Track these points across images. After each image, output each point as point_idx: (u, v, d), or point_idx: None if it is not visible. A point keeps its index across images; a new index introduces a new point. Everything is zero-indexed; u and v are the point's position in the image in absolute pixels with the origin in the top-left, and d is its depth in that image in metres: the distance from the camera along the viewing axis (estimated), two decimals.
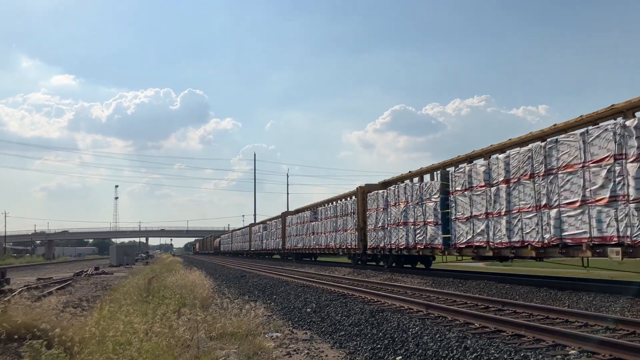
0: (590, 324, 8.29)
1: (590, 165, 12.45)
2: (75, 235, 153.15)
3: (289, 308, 11.93)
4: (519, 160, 14.96)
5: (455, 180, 18.21)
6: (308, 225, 37.43)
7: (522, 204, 14.74)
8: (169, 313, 7.92)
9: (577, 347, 6.51)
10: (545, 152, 13.92)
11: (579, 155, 12.79)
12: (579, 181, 12.77)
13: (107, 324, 6.80)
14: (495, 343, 6.88)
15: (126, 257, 48.84)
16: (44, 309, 8.88)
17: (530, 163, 14.48)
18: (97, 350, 5.69)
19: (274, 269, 30.09)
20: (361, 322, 9.18)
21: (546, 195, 13.78)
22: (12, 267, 43.78)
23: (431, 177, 21.48)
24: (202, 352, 6.16)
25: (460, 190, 17.85)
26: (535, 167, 14.28)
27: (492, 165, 16.33)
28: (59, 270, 40.61)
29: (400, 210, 22.25)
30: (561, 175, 13.30)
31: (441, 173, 19.81)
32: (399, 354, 6.72)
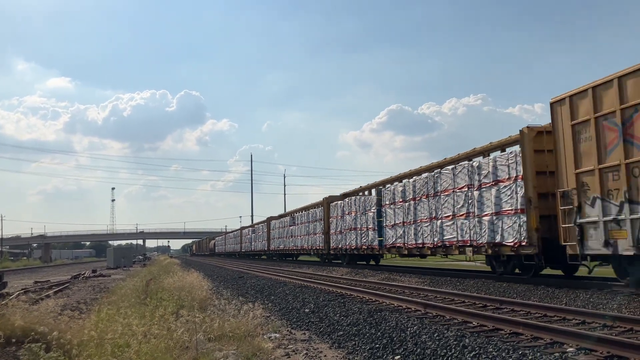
0: (587, 321, 8.32)
1: (456, 190, 17.86)
2: (72, 238, 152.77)
3: (287, 309, 11.93)
4: (421, 184, 20.40)
5: (385, 196, 23.76)
6: (288, 229, 42.75)
7: (422, 216, 20.16)
8: (167, 315, 7.91)
9: (574, 345, 6.54)
10: (434, 180, 19.39)
11: (451, 183, 18.19)
12: (451, 201, 18.13)
13: (106, 327, 6.79)
14: (494, 341, 6.89)
15: (123, 260, 48.79)
16: (41, 312, 8.85)
17: (426, 187, 19.91)
18: (96, 352, 5.69)
19: (271, 269, 30.08)
20: (359, 321, 9.19)
21: (435, 210, 19.22)
22: (9, 270, 43.65)
23: (369, 193, 27.03)
24: (201, 354, 6.16)
25: (388, 204, 23.32)
26: (429, 190, 19.70)
27: (406, 187, 21.73)
28: (56, 273, 40.51)
29: (352, 218, 27.93)
30: (442, 196, 18.70)
31: (376, 190, 25.35)
32: (398, 354, 6.73)
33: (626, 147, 11.22)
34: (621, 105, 11.32)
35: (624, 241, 11.22)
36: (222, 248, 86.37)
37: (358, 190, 29.20)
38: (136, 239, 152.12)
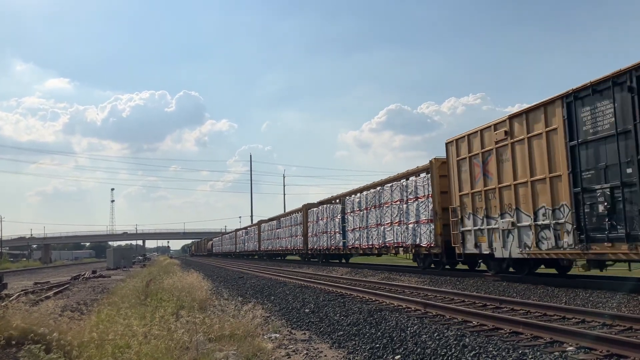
0: (587, 320, 8.33)
1: (393, 203, 22.53)
2: (72, 239, 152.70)
3: (287, 309, 11.94)
4: (371, 197, 25.22)
5: (347, 206, 28.68)
6: (275, 231, 47.25)
7: (372, 223, 24.90)
8: (167, 315, 7.91)
9: (574, 344, 6.55)
10: (379, 194, 24.20)
11: (389, 197, 22.89)
12: (390, 212, 22.87)
13: (106, 328, 6.79)
14: (494, 341, 6.91)
15: (123, 260, 48.81)
16: (41, 314, 8.84)
17: (374, 199, 24.64)
18: (96, 354, 5.69)
19: (270, 269, 30.09)
20: (360, 321, 9.20)
21: (379, 218, 23.99)
22: (8, 271, 43.63)
23: (337, 202, 31.54)
24: (201, 354, 6.16)
25: (349, 212, 28.25)
26: (375, 202, 24.46)
27: (361, 199, 26.60)
28: (56, 274, 40.50)
29: (324, 223, 32.68)
30: (384, 208, 23.45)
31: (341, 200, 30.45)
32: (398, 353, 6.74)
33: (485, 179, 16.09)
34: (482, 150, 16.13)
35: (485, 244, 16.13)
36: (219, 249, 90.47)
37: (330, 199, 34.13)
38: (136, 239, 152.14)
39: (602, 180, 11.82)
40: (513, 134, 14.77)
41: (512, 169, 14.74)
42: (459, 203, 17.37)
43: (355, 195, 28.01)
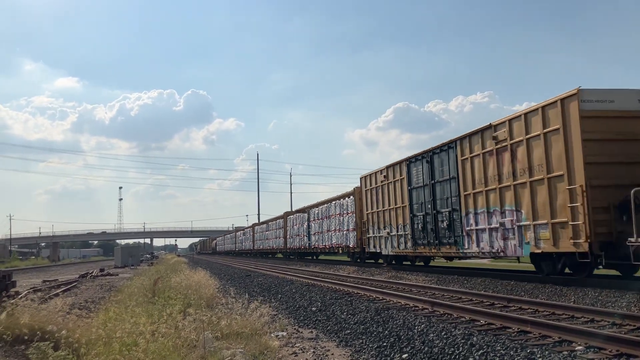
0: (596, 319, 8.27)
1: (336, 216, 31.24)
2: (80, 237, 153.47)
3: (294, 307, 11.94)
4: (324, 210, 34.30)
5: (311, 215, 37.52)
6: (264, 233, 56.74)
7: (324, 229, 33.72)
8: (174, 313, 7.93)
9: (583, 343, 6.51)
10: (327, 208, 33.35)
11: (334, 211, 31.82)
12: (334, 222, 31.58)
13: (114, 325, 6.81)
14: (502, 340, 6.87)
15: (131, 258, 48.94)
16: (50, 311, 8.89)
17: (326, 212, 33.62)
18: (104, 351, 5.70)
19: (277, 268, 30.13)
20: (366, 320, 9.18)
21: (329, 226, 32.83)
22: (17, 269, 43.87)
23: (305, 212, 40.04)
24: (209, 352, 6.17)
25: (312, 220, 37.29)
26: (326, 214, 33.49)
27: (319, 210, 35.52)
28: (64, 272, 40.71)
29: (297, 228, 41.70)
30: (331, 219, 32.31)
31: (307, 211, 39.32)
32: (405, 352, 6.72)
33: (377, 204, 24.59)
34: (374, 185, 24.76)
35: (378, 245, 24.70)
36: (222, 247, 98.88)
37: (302, 209, 42.48)
38: (143, 237, 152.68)
39: (420, 210, 20.39)
40: (387, 178, 23.31)
41: (387, 199, 23.30)
42: (366, 219, 26.20)
43: (317, 207, 36.75)
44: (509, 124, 14.90)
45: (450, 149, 18.12)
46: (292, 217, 43.68)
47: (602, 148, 12.61)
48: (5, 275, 10.68)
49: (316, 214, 36.05)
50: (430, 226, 19.48)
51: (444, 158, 18.67)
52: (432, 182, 19.38)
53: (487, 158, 15.97)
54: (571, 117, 12.71)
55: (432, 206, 19.31)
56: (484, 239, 16.31)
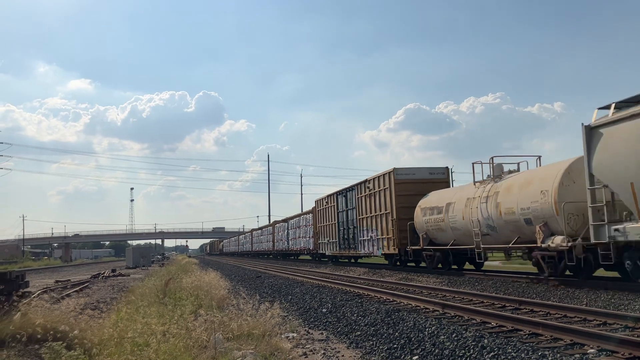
0: (609, 322, 8.20)
1: (303, 226, 42.47)
2: (92, 238, 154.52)
3: (304, 308, 11.95)
4: (296, 221, 45.29)
5: (290, 224, 47.62)
6: (259, 237, 68.27)
7: (297, 236, 44.24)
8: (185, 314, 7.97)
9: (595, 346, 6.46)
10: (299, 220, 44.30)
11: (303, 222, 42.73)
12: (302, 230, 42.70)
13: (125, 326, 6.86)
14: (513, 342, 6.84)
15: (142, 259, 49.16)
16: (62, 311, 8.96)
17: (298, 222, 44.22)
18: (116, 351, 5.75)
19: (288, 269, 30.18)
20: (377, 322, 9.18)
21: (299, 234, 43.48)
22: (30, 269, 44.29)
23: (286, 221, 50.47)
24: (219, 353, 6.19)
25: (290, 228, 47.26)
26: (299, 224, 44.02)
27: (295, 221, 46.13)
28: (76, 272, 41.02)
29: (281, 234, 52.02)
30: (302, 228, 42.93)
31: (287, 221, 49.29)
32: (416, 354, 6.71)
33: (323, 220, 35.86)
34: (322, 207, 36.09)
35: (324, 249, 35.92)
36: (228, 249, 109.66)
37: (285, 219, 51.88)
38: (155, 238, 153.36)
39: (342, 227, 31.37)
40: (328, 204, 34.41)
41: (328, 218, 34.41)
42: (318, 230, 37.37)
43: (293, 219, 47.95)
44: (373, 181, 26.23)
45: (353, 190, 29.56)
46: (278, 225, 55.17)
47: (405, 199, 23.55)
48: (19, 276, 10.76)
49: (292, 224, 47.13)
50: (345, 237, 31.03)
51: (351, 195, 29.99)
52: (346, 209, 30.95)
53: (367, 198, 27.25)
54: (392, 182, 24.07)
55: (346, 225, 30.93)
56: (366, 245, 27.58)
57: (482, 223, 17.58)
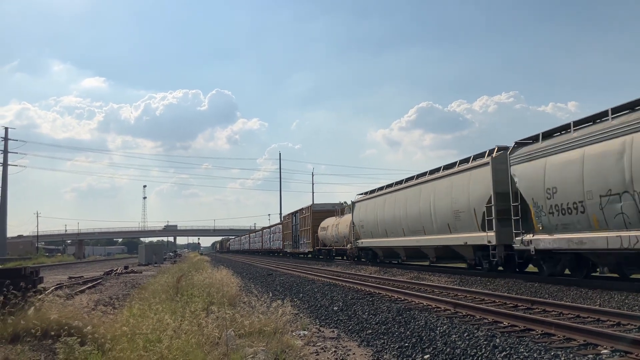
0: (622, 323, 8.13)
1: (277, 232, 64.61)
2: (105, 235, 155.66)
3: (315, 306, 11.97)
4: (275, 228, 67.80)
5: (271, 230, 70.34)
6: (255, 238, 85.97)
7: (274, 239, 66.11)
8: (197, 311, 8.00)
9: (609, 347, 6.40)
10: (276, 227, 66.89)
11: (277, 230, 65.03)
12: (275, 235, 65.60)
13: (138, 322, 6.90)
14: (525, 342, 6.80)
15: (155, 256, 49.47)
16: (76, 307, 9.06)
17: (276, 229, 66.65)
18: (128, 347, 5.79)
19: (299, 268, 30.20)
20: (388, 320, 9.16)
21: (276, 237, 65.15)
22: (44, 266, 44.75)
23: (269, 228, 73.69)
24: (231, 350, 6.22)
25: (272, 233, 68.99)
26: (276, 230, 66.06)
27: (274, 228, 68.81)
28: (89, 269, 41.36)
29: (267, 237, 71.49)
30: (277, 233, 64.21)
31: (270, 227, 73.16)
32: (427, 353, 6.69)
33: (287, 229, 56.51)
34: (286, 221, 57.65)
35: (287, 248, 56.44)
36: (233, 247, 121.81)
37: (269, 226, 72.49)
38: (167, 236, 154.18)
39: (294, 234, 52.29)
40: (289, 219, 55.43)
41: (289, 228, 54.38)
42: (284, 236, 57.63)
43: (274, 226, 68.85)
44: (303, 210, 47.78)
45: (297, 213, 50.02)
46: (265, 230, 76.02)
47: (317, 221, 42.90)
48: (33, 272, 10.88)
49: (272, 230, 68.52)
50: (295, 241, 50.61)
51: (297, 216, 50.21)
52: (295, 224, 51.21)
53: (302, 219, 47.86)
54: (311, 212, 44.68)
55: (295, 233, 50.59)
56: (302, 246, 47.30)
57: (335, 237, 38.00)
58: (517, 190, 15.98)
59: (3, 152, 79.49)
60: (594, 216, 12.94)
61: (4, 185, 79.62)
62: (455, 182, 19.62)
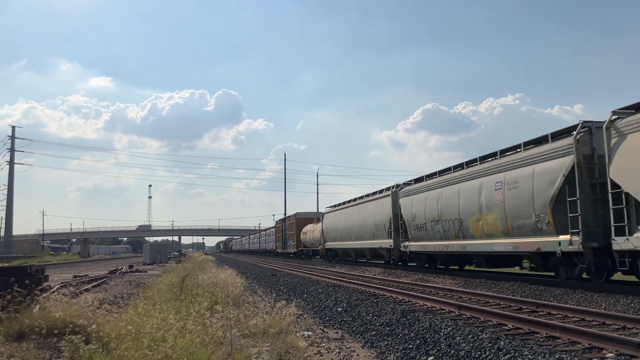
0: (628, 327, 8.10)
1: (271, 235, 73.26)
2: (110, 234, 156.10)
3: (319, 307, 11.97)
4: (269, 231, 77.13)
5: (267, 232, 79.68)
6: (253, 240, 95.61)
7: (269, 240, 74.78)
8: (202, 310, 8.02)
9: (614, 350, 6.38)
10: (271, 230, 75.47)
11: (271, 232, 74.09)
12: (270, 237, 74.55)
13: (142, 321, 6.91)
14: (529, 344, 6.78)
15: (159, 256, 49.51)
16: (81, 306, 9.06)
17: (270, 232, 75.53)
18: (133, 346, 5.80)
19: (303, 268, 30.21)
20: (392, 322, 9.16)
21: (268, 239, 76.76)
22: (49, 264, 44.87)
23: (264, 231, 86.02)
24: (235, 350, 6.23)
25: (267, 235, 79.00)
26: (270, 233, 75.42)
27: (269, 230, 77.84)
28: (94, 268, 41.48)
29: (263, 238, 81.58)
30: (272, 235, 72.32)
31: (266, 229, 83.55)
32: (431, 355, 6.68)
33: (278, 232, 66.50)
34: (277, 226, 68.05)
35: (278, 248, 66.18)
36: (236, 247, 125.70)
37: (266, 228, 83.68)
38: (172, 235, 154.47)
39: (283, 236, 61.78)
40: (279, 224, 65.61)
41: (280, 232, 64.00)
42: (276, 238, 66.69)
43: (268, 229, 78.24)
44: (290, 217, 58.28)
45: (286, 219, 61.09)
46: (262, 232, 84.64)
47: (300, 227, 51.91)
48: (39, 270, 10.91)
49: (268, 232, 77.42)
50: (284, 242, 60.24)
51: (286, 222, 60.68)
52: (284, 228, 61.02)
53: (289, 225, 57.36)
54: (296, 219, 54.09)
55: (284, 236, 60.48)
56: (289, 247, 56.91)
57: (312, 240, 46.17)
58: (401, 214, 25.06)
59: (10, 151, 79.88)
60: (430, 232, 21.95)
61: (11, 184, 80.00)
62: (376, 206, 29.07)
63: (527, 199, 15.15)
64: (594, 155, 13.60)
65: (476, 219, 17.95)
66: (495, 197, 16.77)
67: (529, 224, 15.21)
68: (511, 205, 15.96)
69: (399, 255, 25.63)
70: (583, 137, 13.71)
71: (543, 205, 14.55)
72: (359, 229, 31.55)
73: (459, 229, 19.34)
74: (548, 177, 14.47)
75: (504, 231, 16.47)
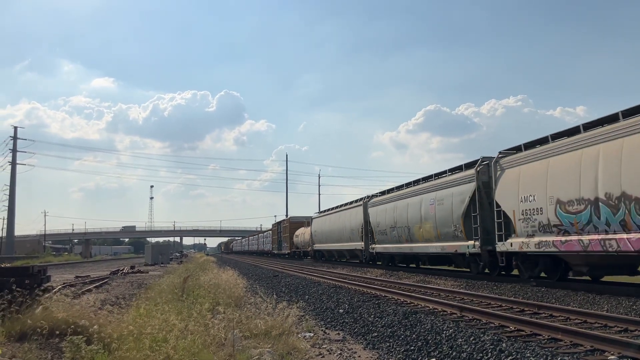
0: (630, 329, 8.08)
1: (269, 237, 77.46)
2: (112, 235, 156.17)
3: (321, 308, 11.96)
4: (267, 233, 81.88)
5: (265, 234, 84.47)
6: (252, 241, 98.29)
7: (267, 242, 79.02)
8: (203, 311, 8.01)
9: (616, 353, 6.36)
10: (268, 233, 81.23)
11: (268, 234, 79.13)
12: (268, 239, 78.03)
13: (144, 322, 6.91)
14: (531, 347, 6.76)
15: (161, 256, 49.49)
16: (82, 306, 9.06)
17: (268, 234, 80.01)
18: (135, 347, 5.80)
19: (305, 269, 30.20)
20: (394, 323, 9.15)
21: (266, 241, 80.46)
22: (51, 264, 44.91)
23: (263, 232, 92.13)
24: (237, 351, 6.22)
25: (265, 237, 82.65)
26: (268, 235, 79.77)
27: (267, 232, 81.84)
28: (96, 268, 41.49)
29: (262, 240, 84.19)
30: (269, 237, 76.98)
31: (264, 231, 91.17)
32: (433, 356, 6.67)
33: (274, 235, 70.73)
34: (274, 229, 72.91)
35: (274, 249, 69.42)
36: (237, 248, 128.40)
37: (265, 230, 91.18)
38: (173, 236, 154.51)
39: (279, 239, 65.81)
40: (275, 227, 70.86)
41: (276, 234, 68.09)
42: (273, 240, 70.37)
43: (266, 232, 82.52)
44: (284, 221, 64.06)
45: (281, 223, 65.98)
46: (261, 235, 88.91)
47: (293, 230, 56.02)
48: (40, 270, 10.91)
49: (265, 234, 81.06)
50: (279, 244, 64.25)
51: (281, 225, 65.39)
52: (279, 231, 65.41)
53: (283, 228, 62.00)
54: (289, 222, 59.47)
55: (279, 238, 64.67)
56: (283, 248, 61.21)
57: (303, 242, 50.49)
58: (369, 221, 30.05)
59: (12, 151, 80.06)
60: (389, 236, 26.50)
61: (13, 184, 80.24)
62: (352, 214, 34.26)
63: (449, 213, 20.04)
64: (490, 182, 17.81)
65: (419, 227, 22.89)
66: (430, 210, 21.73)
67: (450, 232, 20.06)
68: (440, 217, 20.81)
69: (369, 255, 30.54)
70: (482, 169, 18.49)
71: (458, 218, 19.38)
72: (339, 233, 37.09)
73: (408, 234, 24.25)
74: (460, 197, 19.42)
75: (436, 237, 21.32)
